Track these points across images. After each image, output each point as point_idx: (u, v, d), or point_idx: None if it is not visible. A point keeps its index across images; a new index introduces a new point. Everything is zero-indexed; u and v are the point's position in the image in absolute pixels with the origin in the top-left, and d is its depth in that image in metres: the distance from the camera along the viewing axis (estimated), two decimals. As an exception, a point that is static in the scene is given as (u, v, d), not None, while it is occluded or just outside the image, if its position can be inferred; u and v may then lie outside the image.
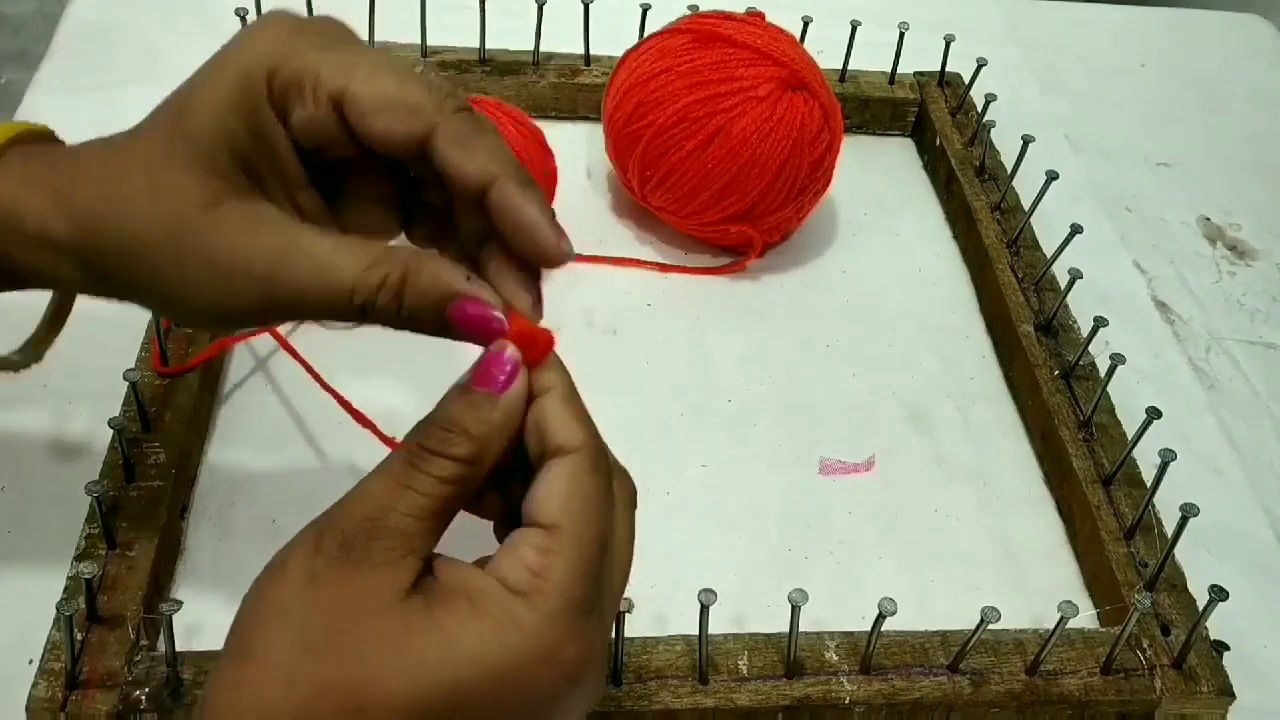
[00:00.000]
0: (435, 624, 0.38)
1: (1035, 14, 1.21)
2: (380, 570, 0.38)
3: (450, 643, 0.38)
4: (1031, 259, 0.85)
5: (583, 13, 0.93)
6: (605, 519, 0.42)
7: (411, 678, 0.37)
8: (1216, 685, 0.62)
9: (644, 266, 0.86)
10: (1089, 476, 0.72)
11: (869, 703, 0.60)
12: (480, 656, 0.38)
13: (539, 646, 0.38)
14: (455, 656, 0.38)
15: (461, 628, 0.38)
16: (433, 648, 0.38)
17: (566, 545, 0.40)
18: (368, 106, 0.43)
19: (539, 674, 0.38)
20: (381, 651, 0.37)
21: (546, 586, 0.39)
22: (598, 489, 0.41)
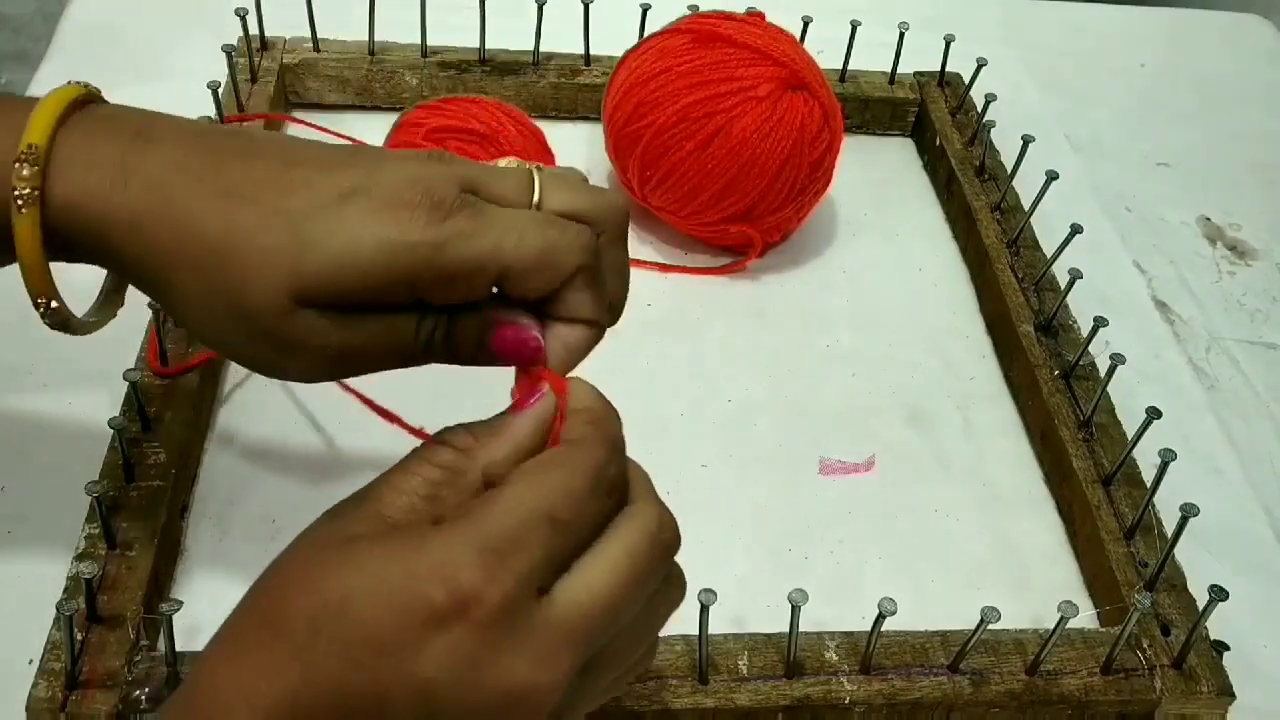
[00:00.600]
0: (349, 548, 0.40)
1: (1035, 14, 1.21)
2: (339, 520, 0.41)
3: (349, 560, 0.39)
4: (1031, 259, 0.85)
5: (583, 13, 0.93)
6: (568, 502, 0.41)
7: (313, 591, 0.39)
8: (1216, 685, 0.62)
9: (644, 266, 0.86)
10: (1089, 476, 0.72)
11: (869, 703, 0.60)
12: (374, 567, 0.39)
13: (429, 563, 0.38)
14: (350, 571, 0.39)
15: (368, 549, 0.39)
16: (333, 566, 0.39)
17: (504, 495, 0.40)
18: (522, 276, 0.44)
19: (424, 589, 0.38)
20: (300, 575, 0.40)
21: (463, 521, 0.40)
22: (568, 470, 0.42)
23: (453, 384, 0.73)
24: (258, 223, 0.43)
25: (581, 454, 0.42)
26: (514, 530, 0.39)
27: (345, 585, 0.38)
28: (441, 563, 0.38)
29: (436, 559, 0.38)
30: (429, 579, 0.38)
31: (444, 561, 0.38)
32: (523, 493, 0.40)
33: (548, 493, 0.40)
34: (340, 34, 0.94)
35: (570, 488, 0.41)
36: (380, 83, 0.93)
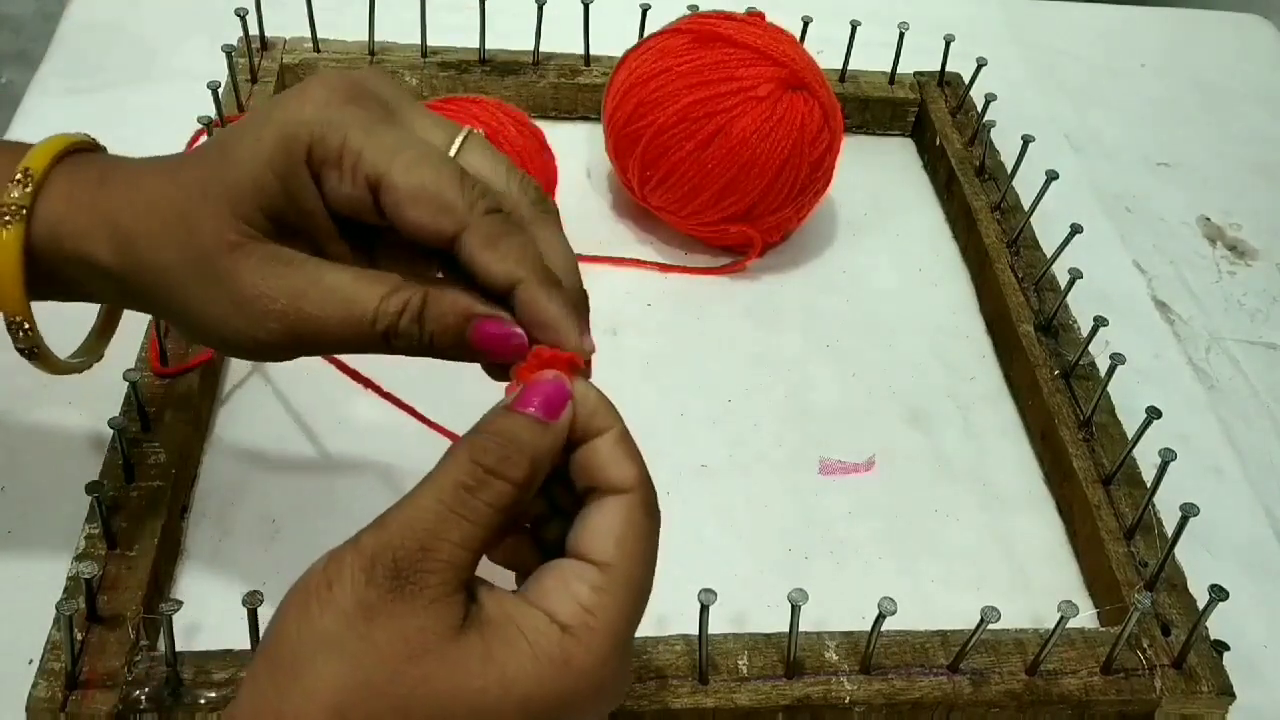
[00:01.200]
0: (492, 662, 0.38)
1: (1035, 14, 1.21)
2: (435, 606, 0.38)
3: (507, 681, 0.38)
4: (1031, 259, 0.85)
5: (583, 13, 0.93)
6: (654, 561, 0.42)
7: (470, 716, 0.38)
8: (1216, 685, 0.62)
9: (644, 266, 0.86)
10: (1089, 476, 0.72)
11: (869, 703, 0.60)
12: (535, 696, 0.38)
13: (589, 685, 0.39)
14: (512, 694, 0.38)
15: (519, 666, 0.38)
16: (492, 686, 0.38)
17: (620, 584, 0.40)
18: (403, 197, 0.44)
19: (585, 708, 0.39)
20: (442, 692, 0.38)
21: (597, 624, 0.39)
22: (650, 531, 0.42)
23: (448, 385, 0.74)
24: (196, 168, 0.47)
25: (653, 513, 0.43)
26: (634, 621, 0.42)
27: (509, 709, 0.38)
28: (601, 679, 0.40)
29: (594, 676, 0.40)
30: (590, 699, 0.40)
31: (603, 677, 0.40)
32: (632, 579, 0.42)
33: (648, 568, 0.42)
34: (340, 34, 0.94)
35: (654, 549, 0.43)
36: (380, 83, 0.93)
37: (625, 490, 0.42)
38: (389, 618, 0.38)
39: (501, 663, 0.38)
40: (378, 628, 0.38)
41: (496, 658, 0.38)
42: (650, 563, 0.42)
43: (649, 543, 0.42)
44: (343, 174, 0.44)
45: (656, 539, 0.43)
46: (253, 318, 0.45)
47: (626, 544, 0.41)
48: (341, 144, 0.44)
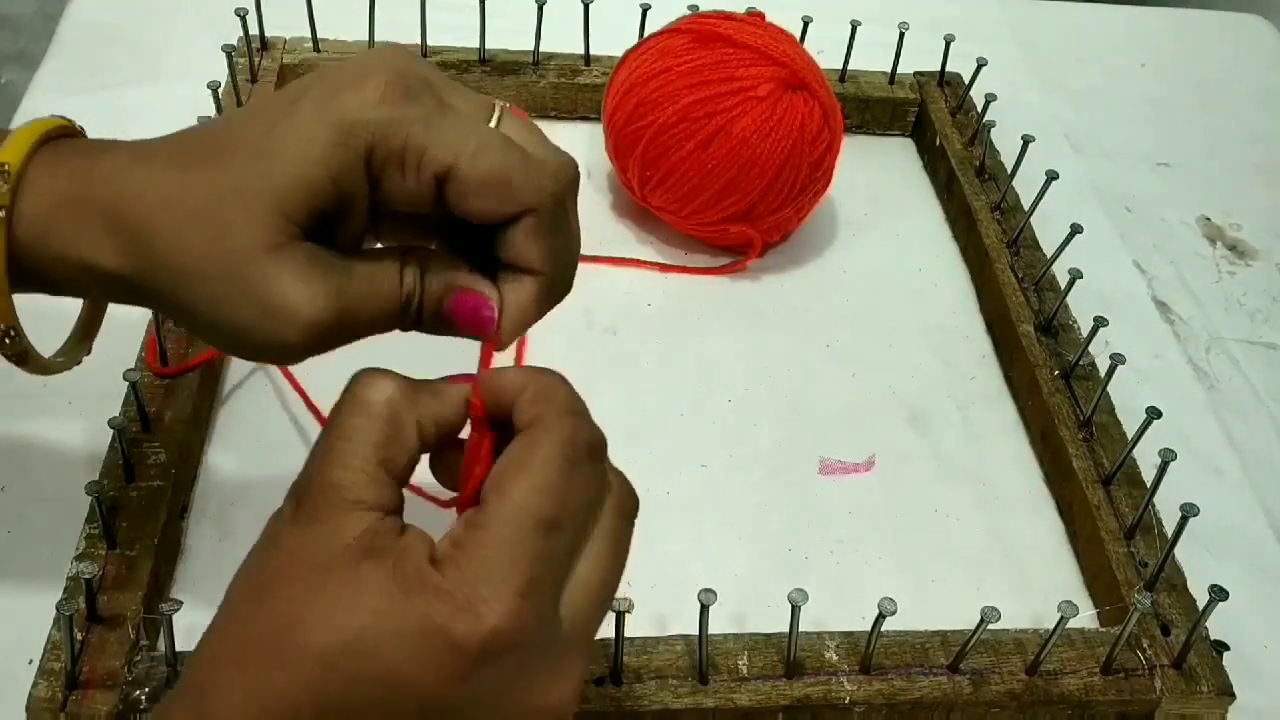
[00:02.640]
0: (354, 578, 0.38)
1: (1035, 14, 1.21)
2: (321, 526, 0.39)
3: (359, 593, 0.38)
4: (1031, 259, 0.85)
5: (583, 13, 0.93)
6: (552, 497, 0.40)
7: (322, 625, 0.38)
8: (1216, 685, 0.62)
9: (644, 266, 0.86)
10: (1089, 476, 0.72)
11: (869, 703, 0.60)
12: (383, 610, 0.38)
13: (445, 607, 0.37)
14: (360, 605, 0.38)
15: (375, 581, 0.38)
16: (344, 597, 0.38)
17: (492, 519, 0.39)
18: (472, 187, 0.43)
19: (447, 635, 0.37)
20: (304, 600, 0.38)
21: (459, 556, 0.38)
22: (540, 464, 0.40)
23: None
24: (226, 164, 0.44)
25: (548, 440, 0.41)
26: (513, 552, 0.38)
27: (358, 623, 0.38)
28: (454, 605, 0.37)
29: (449, 602, 0.37)
30: (446, 621, 0.37)
31: (456, 604, 0.37)
32: (507, 509, 0.39)
33: (532, 499, 0.39)
34: (340, 34, 0.94)
35: (549, 482, 0.40)
36: (380, 83, 0.93)
37: (522, 428, 0.42)
38: (286, 538, 0.40)
39: (362, 577, 0.38)
40: (276, 547, 0.40)
41: (362, 572, 0.38)
42: (547, 502, 0.39)
43: (542, 480, 0.40)
44: (407, 171, 0.44)
45: (564, 480, 0.40)
46: (283, 321, 0.43)
47: (505, 481, 0.40)
48: (404, 142, 0.43)
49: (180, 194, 0.44)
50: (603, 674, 0.59)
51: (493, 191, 0.44)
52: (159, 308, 0.47)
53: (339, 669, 0.37)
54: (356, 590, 0.38)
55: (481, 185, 0.43)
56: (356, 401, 0.42)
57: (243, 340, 0.45)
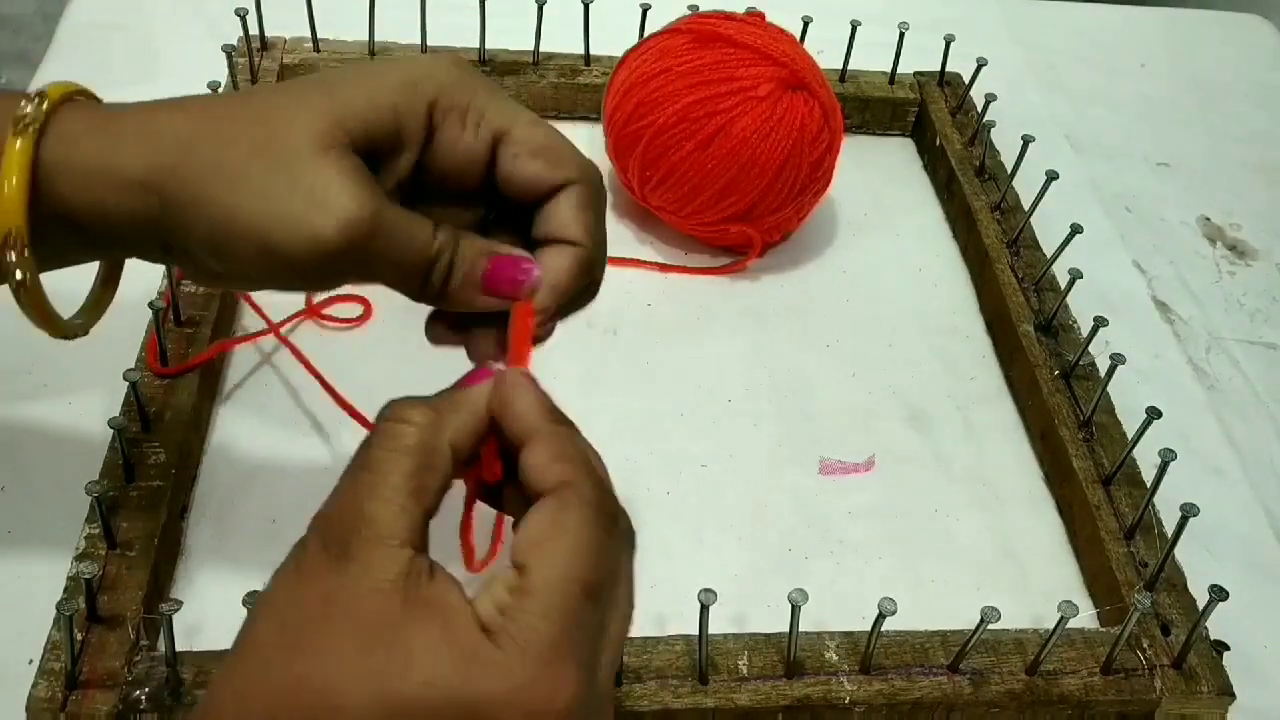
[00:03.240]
0: (402, 637, 0.37)
1: (1035, 14, 1.21)
2: (354, 565, 0.39)
3: (412, 660, 0.37)
4: (1031, 259, 0.85)
5: (583, 13, 0.93)
6: (593, 562, 0.40)
7: (367, 693, 0.37)
8: (1216, 685, 0.62)
9: (644, 266, 0.86)
10: (1089, 476, 0.72)
11: (869, 703, 0.60)
12: (436, 681, 0.37)
13: (501, 686, 0.37)
14: (413, 676, 0.37)
15: (426, 649, 0.37)
16: (395, 663, 0.37)
17: (538, 587, 0.39)
18: (526, 149, 0.47)
19: (500, 713, 0.37)
20: (346, 659, 0.37)
21: (511, 627, 0.38)
22: (578, 529, 0.40)
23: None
24: (277, 89, 0.47)
25: (580, 506, 0.41)
26: (564, 622, 0.38)
27: (410, 693, 0.37)
28: (515, 685, 0.37)
29: (509, 681, 0.37)
30: (506, 702, 0.37)
31: (517, 684, 0.37)
32: (552, 576, 0.39)
33: (576, 566, 0.39)
34: (340, 34, 0.94)
35: (589, 547, 0.40)
36: (380, 83, 0.93)
37: (549, 491, 0.41)
38: (317, 576, 0.39)
39: (411, 638, 0.37)
40: (306, 584, 0.39)
41: (409, 630, 0.38)
42: (586, 565, 0.40)
43: (580, 544, 0.40)
44: (466, 125, 0.47)
45: (599, 540, 0.40)
46: (327, 212, 0.43)
47: (545, 546, 0.40)
48: (469, 100, 0.47)
49: (222, 106, 0.47)
50: (603, 674, 0.59)
51: (545, 155, 0.47)
52: (180, 218, 0.45)
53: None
54: (407, 657, 0.37)
55: (537, 149, 0.47)
56: (387, 433, 0.42)
57: (277, 238, 0.43)
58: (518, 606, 0.38)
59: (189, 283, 0.74)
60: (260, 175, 0.43)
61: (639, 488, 0.72)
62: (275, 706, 0.37)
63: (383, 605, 0.38)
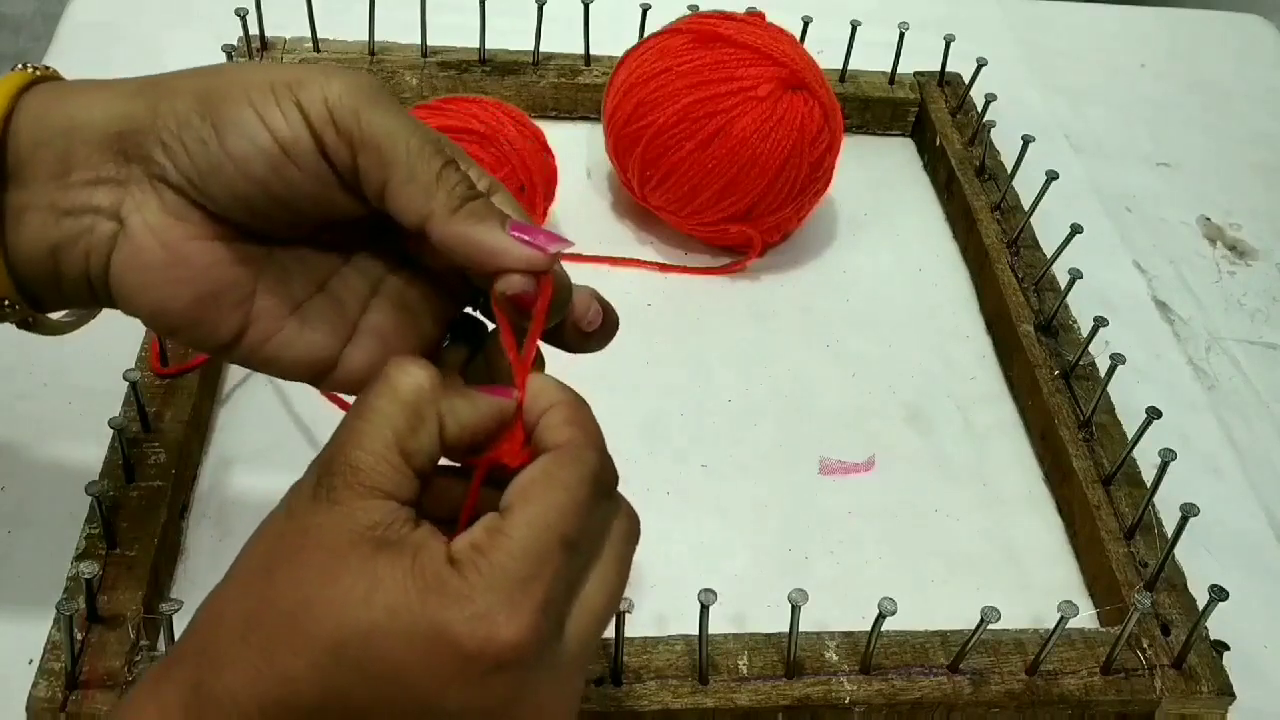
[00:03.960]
0: (370, 568, 0.38)
1: (1035, 14, 1.21)
2: (339, 509, 0.39)
3: (375, 587, 0.38)
4: (1031, 259, 0.85)
5: (583, 13, 0.93)
6: (576, 519, 0.40)
7: (335, 615, 0.38)
8: (1217, 685, 0.62)
9: (644, 266, 0.86)
10: (1089, 476, 0.72)
11: (869, 703, 0.60)
12: (399, 607, 0.38)
13: (459, 613, 0.37)
14: (375, 600, 0.38)
15: (392, 579, 0.38)
16: (359, 589, 0.38)
17: (515, 526, 0.39)
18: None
19: (461, 642, 0.37)
20: (318, 585, 0.38)
21: (480, 561, 0.38)
22: (570, 485, 0.40)
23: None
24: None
25: (577, 465, 0.41)
26: (535, 566, 0.39)
27: (371, 618, 0.38)
28: (473, 613, 0.38)
29: (467, 609, 0.38)
30: (462, 629, 0.37)
31: (475, 612, 0.38)
32: (533, 520, 0.39)
33: (558, 516, 0.40)
34: (340, 34, 0.94)
35: (576, 503, 0.40)
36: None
37: (551, 448, 0.42)
38: (301, 515, 0.40)
39: (378, 570, 0.38)
40: (291, 522, 0.40)
41: (377, 564, 0.38)
42: (568, 519, 0.40)
43: (566, 496, 0.40)
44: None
45: (586, 499, 0.41)
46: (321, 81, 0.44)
47: (533, 489, 0.40)
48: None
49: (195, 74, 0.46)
50: (603, 674, 0.59)
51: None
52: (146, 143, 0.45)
53: (347, 662, 0.38)
54: (372, 584, 0.38)
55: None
56: (386, 383, 0.42)
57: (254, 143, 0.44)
58: (490, 544, 0.39)
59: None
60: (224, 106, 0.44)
61: (639, 487, 0.72)
62: (246, 628, 0.39)
63: (356, 543, 0.39)
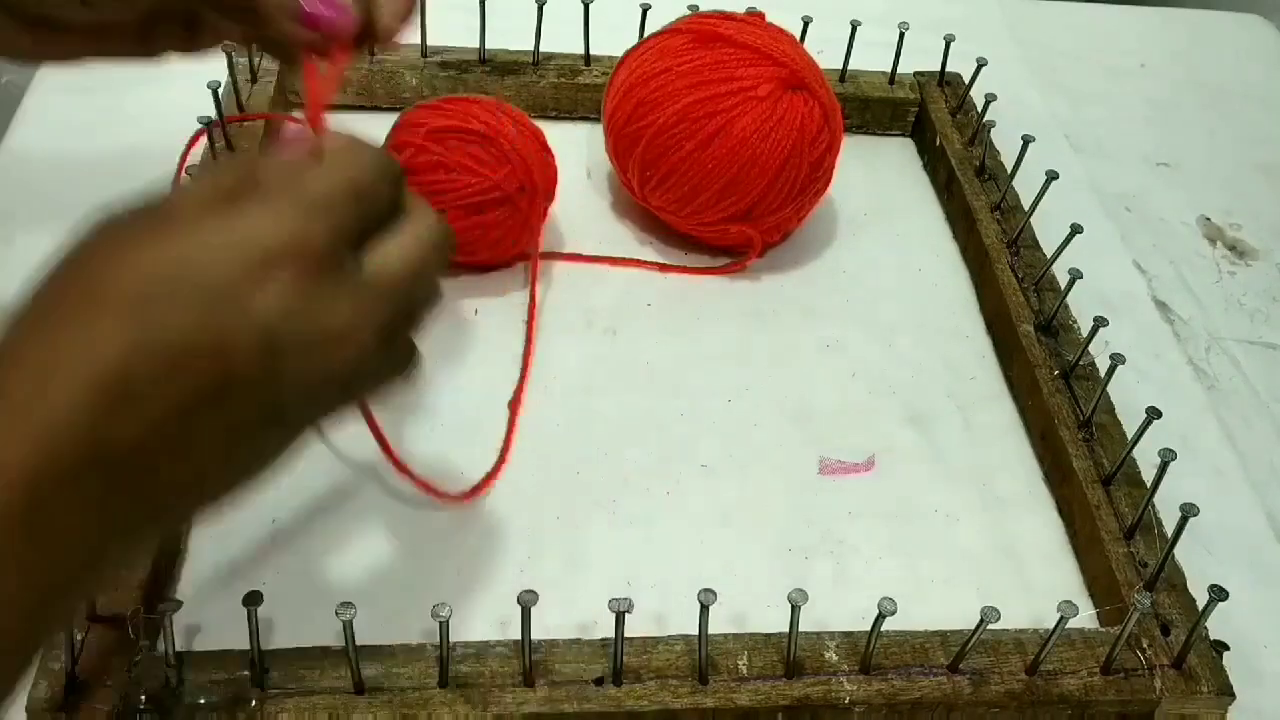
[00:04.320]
0: (173, 212, 0.43)
1: (1035, 14, 1.21)
2: (141, 211, 0.43)
3: (176, 223, 0.42)
4: (1031, 259, 0.85)
5: (583, 13, 0.93)
6: (369, 176, 0.45)
7: (141, 262, 0.40)
8: (1216, 685, 0.62)
9: (644, 266, 0.86)
10: (1089, 476, 0.71)
11: (869, 703, 0.60)
12: (197, 223, 0.42)
13: (258, 212, 0.42)
14: (175, 235, 0.41)
15: (194, 205, 0.43)
16: (161, 236, 0.41)
17: (316, 170, 0.45)
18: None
19: (264, 241, 0.42)
20: (122, 246, 0.41)
21: (287, 180, 0.44)
22: (359, 157, 0.46)
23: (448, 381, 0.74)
24: None
25: (368, 148, 0.46)
26: (327, 194, 0.43)
27: (178, 250, 0.40)
28: (270, 218, 0.42)
29: (264, 217, 0.42)
30: (261, 230, 0.41)
31: (272, 217, 0.42)
32: (329, 167, 0.44)
33: (350, 167, 0.45)
34: (340, 34, 0.94)
35: (368, 164, 0.45)
36: (380, 83, 0.93)
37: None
38: (125, 215, 0.43)
39: (180, 204, 0.43)
40: (111, 220, 0.43)
41: (179, 200, 0.43)
42: (362, 173, 0.45)
43: (355, 156, 0.46)
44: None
45: (374, 167, 0.46)
46: None
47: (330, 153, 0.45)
48: None
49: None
50: (603, 674, 0.59)
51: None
52: None
53: (158, 297, 0.39)
54: (172, 229, 0.41)
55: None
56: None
57: None
58: (293, 174, 0.44)
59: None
60: None
61: (639, 487, 0.72)
62: (54, 307, 0.40)
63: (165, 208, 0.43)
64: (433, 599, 0.55)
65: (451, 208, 0.77)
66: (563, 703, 0.58)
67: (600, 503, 0.71)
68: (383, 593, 0.64)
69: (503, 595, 0.63)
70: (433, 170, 0.77)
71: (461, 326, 0.80)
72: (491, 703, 0.57)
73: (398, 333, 0.46)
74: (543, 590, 0.57)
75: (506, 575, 0.66)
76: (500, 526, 0.69)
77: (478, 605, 0.64)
